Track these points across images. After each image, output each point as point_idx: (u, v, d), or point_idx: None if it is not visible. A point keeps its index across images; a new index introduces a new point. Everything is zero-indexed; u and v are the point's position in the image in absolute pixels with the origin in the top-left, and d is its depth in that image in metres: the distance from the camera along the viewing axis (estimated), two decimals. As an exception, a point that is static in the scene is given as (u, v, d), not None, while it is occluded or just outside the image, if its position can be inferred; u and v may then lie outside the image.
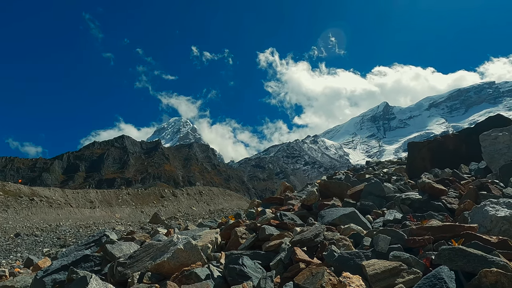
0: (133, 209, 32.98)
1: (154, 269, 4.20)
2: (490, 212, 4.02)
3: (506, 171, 6.65)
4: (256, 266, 3.83)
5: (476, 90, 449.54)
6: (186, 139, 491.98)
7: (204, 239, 5.27)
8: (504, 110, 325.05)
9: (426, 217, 5.03)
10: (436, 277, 2.70)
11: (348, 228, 4.69)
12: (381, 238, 3.63)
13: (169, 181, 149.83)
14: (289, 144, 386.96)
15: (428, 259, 3.17)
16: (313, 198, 7.02)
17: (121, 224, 23.78)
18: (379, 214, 5.79)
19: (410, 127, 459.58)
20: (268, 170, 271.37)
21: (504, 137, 8.99)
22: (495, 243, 3.24)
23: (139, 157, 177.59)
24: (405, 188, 7.71)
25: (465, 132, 11.91)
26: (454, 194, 6.22)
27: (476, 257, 2.81)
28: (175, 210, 35.11)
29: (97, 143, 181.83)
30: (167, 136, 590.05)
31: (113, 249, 5.39)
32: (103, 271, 5.10)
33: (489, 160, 8.87)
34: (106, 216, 29.25)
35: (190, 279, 3.65)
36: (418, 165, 11.58)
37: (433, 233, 3.62)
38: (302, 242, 4.10)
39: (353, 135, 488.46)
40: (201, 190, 43.88)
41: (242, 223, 5.93)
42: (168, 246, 4.51)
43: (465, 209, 5.10)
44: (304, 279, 3.20)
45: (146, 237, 7.35)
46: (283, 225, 5.29)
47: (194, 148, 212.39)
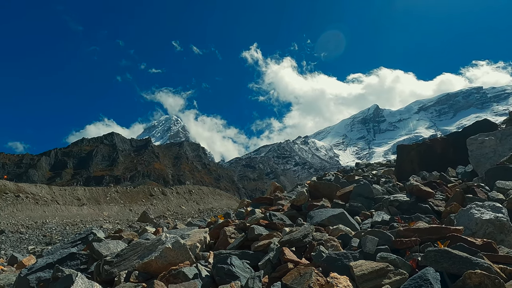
0: (121, 207, 32.64)
1: (141, 268, 4.16)
2: (475, 215, 4.09)
3: (492, 175, 6.77)
4: (244, 266, 3.82)
5: (464, 95, 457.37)
6: (176, 138, 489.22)
7: (192, 238, 5.24)
8: (491, 115, 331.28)
9: (413, 219, 5.10)
10: (422, 278, 2.74)
11: (336, 229, 4.72)
12: (369, 239, 3.66)
13: (159, 180, 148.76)
14: (280, 144, 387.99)
15: (415, 261, 3.21)
16: (302, 198, 7.04)
17: (109, 222, 23.52)
18: (368, 215, 5.84)
19: (399, 130, 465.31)
20: (259, 170, 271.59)
21: (490, 141, 9.17)
22: (480, 245, 3.30)
23: (129, 155, 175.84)
24: (393, 190, 7.80)
25: (453, 136, 12.10)
26: (441, 197, 6.32)
27: (461, 259, 2.85)
28: (164, 209, 34.86)
29: (86, 140, 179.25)
30: (157, 134, 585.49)
31: (100, 248, 5.33)
32: (89, 270, 5.04)
33: (476, 164, 9.03)
34: (93, 214, 28.89)
35: (178, 278, 3.62)
36: (407, 167, 11.72)
37: (420, 235, 3.67)
38: (290, 242, 4.11)
39: (343, 137, 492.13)
40: (191, 189, 43.68)
41: (231, 223, 5.92)
42: (156, 245, 4.47)
43: (452, 211, 5.18)
44: (292, 279, 3.21)
45: (134, 235, 7.28)
46: (272, 225, 5.30)
47: (184, 146, 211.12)
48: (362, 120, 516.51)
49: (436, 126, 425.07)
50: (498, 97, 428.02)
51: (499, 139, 9.19)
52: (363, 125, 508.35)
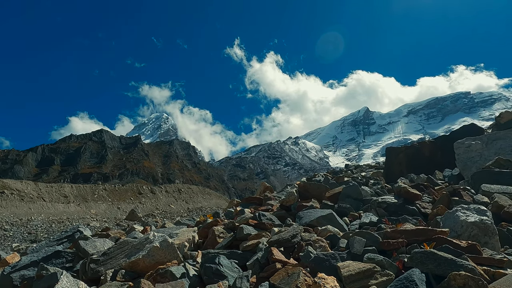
0: (109, 205, 32.26)
1: (128, 266, 4.11)
2: (461, 217, 4.16)
3: (477, 179, 6.89)
4: (232, 265, 3.82)
5: (453, 99, 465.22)
6: (166, 136, 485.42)
7: (181, 237, 5.20)
8: (478, 119, 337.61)
9: (400, 221, 5.15)
10: (407, 279, 2.77)
11: (325, 229, 4.74)
12: (357, 240, 3.69)
13: (148, 178, 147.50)
14: (271, 144, 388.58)
15: (401, 262, 3.24)
16: (292, 199, 7.06)
17: (96, 220, 23.22)
18: (356, 216, 5.89)
19: (389, 133, 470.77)
20: (249, 170, 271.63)
21: (477, 145, 9.34)
22: (465, 247, 3.36)
23: (118, 152, 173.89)
24: (381, 192, 7.87)
25: (441, 139, 12.29)
26: (428, 199, 6.40)
27: (446, 261, 2.90)
28: (152, 207, 34.58)
29: (74, 137, 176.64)
30: (147, 132, 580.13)
31: (87, 246, 5.25)
32: (75, 268, 4.97)
33: (462, 167, 9.18)
34: (80, 211, 28.49)
35: (165, 277, 3.59)
36: (395, 170, 11.86)
37: (407, 237, 3.71)
38: (279, 242, 4.11)
39: (333, 138, 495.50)
40: (180, 188, 43.43)
41: (220, 222, 5.90)
42: (144, 244, 4.43)
43: (438, 214, 5.26)
44: (280, 279, 3.21)
45: (121, 234, 7.20)
46: (261, 225, 5.30)
47: (174, 145, 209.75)
48: (352, 122, 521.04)
49: (425, 129, 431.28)
50: (485, 102, 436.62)
51: (485, 143, 9.37)
52: (353, 127, 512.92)
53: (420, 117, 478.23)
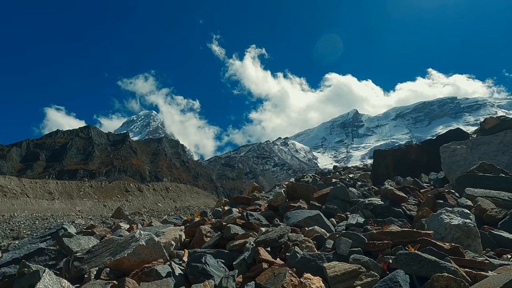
0: (95, 202, 31.80)
1: (113, 265, 4.06)
2: (445, 220, 4.23)
3: (462, 182, 7.03)
4: (219, 265, 3.80)
5: (440, 104, 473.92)
6: (155, 133, 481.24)
7: (167, 236, 5.16)
8: (464, 124, 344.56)
9: (386, 223, 5.22)
10: (392, 280, 2.81)
11: (312, 230, 4.77)
12: (343, 241, 3.72)
13: (135, 176, 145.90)
14: (260, 144, 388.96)
15: (386, 263, 3.28)
16: (280, 199, 7.08)
17: (81, 218, 22.86)
18: (343, 217, 5.94)
19: (377, 135, 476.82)
20: (238, 169, 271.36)
21: (462, 150, 9.52)
22: (448, 250, 3.42)
23: (105, 149, 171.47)
24: (368, 193, 7.96)
25: (427, 143, 12.49)
26: (414, 202, 6.50)
27: (430, 262, 2.94)
28: (139, 205, 34.23)
29: (60, 132, 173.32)
30: (135, 129, 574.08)
31: (71, 243, 5.17)
32: (58, 266, 4.88)
33: (447, 171, 9.35)
34: (65, 208, 28.01)
35: (150, 276, 3.56)
36: (382, 172, 12.01)
37: (392, 238, 3.76)
38: (266, 242, 4.12)
39: (322, 140, 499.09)
40: (168, 186, 43.09)
41: (207, 221, 5.87)
42: (130, 242, 4.38)
43: (423, 216, 5.34)
44: (266, 279, 3.21)
45: (107, 231, 7.10)
46: (248, 225, 5.29)
47: (163, 143, 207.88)
48: (342, 124, 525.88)
49: (412, 133, 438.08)
50: (471, 108, 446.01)
51: (469, 148, 9.56)
52: (342, 129, 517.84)
53: (407, 120, 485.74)
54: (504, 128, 9.93)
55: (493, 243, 4.38)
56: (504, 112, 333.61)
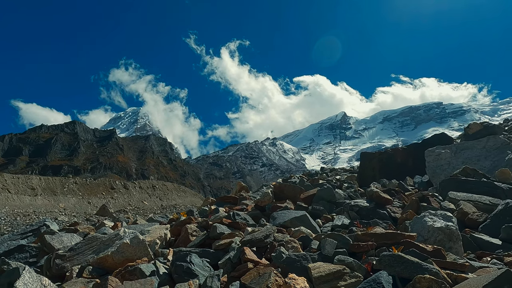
0: (79, 199, 31.25)
1: (96, 263, 3.99)
2: (428, 222, 4.31)
3: (445, 186, 7.18)
4: (204, 264, 3.78)
5: (426, 109, 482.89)
6: (143, 131, 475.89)
7: (152, 234, 5.10)
8: (448, 129, 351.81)
9: (371, 224, 5.29)
10: (375, 281, 2.84)
11: (298, 230, 4.79)
12: (328, 242, 3.75)
13: (121, 173, 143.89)
14: (248, 144, 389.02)
15: (370, 264, 3.32)
16: (267, 199, 7.09)
17: (64, 215, 22.44)
18: (329, 219, 5.99)
19: (364, 138, 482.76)
20: (226, 169, 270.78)
21: (446, 154, 9.72)
22: (430, 252, 3.48)
23: (91, 145, 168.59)
24: (354, 195, 8.05)
25: (413, 147, 12.70)
26: (399, 204, 6.60)
27: (413, 264, 2.99)
28: (125, 203, 33.80)
29: (45, 127, 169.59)
30: (123, 125, 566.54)
31: (53, 240, 5.06)
32: (39, 264, 4.77)
33: (432, 174, 9.53)
34: (48, 205, 27.44)
35: (134, 275, 3.51)
36: (369, 174, 12.15)
37: (376, 240, 3.81)
38: (252, 242, 4.12)
39: (310, 141, 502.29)
40: (154, 184, 42.67)
41: (193, 220, 5.83)
42: (114, 240, 4.31)
43: (407, 218, 5.43)
44: (251, 279, 3.21)
45: (90, 229, 6.99)
46: (235, 225, 5.28)
47: (151, 140, 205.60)
48: (330, 126, 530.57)
49: (398, 136, 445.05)
50: (456, 113, 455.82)
51: (453, 152, 9.76)
52: (330, 130, 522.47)
53: (394, 124, 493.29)
54: (487, 134, 10.17)
55: (473, 246, 4.49)
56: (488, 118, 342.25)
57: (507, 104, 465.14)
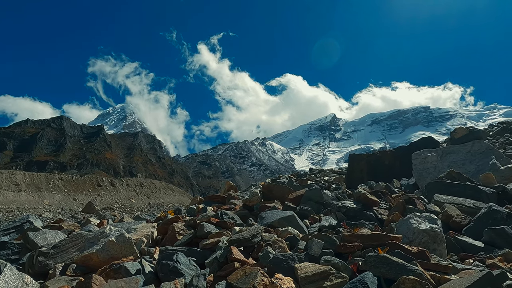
0: (65, 196, 30.73)
1: (80, 261, 3.93)
2: (413, 224, 4.38)
3: (431, 189, 7.29)
4: (190, 263, 3.75)
5: (414, 113, 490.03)
6: (131, 128, 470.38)
7: (139, 232, 5.05)
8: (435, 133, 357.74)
9: (358, 225, 5.34)
10: (360, 282, 2.87)
11: (285, 230, 4.80)
12: (315, 242, 3.77)
13: (109, 170, 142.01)
14: (238, 144, 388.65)
15: (356, 265, 3.35)
16: (255, 199, 7.09)
17: (49, 211, 22.02)
18: (316, 219, 6.02)
19: (352, 140, 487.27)
20: (215, 168, 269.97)
21: (432, 157, 9.87)
22: (415, 253, 3.53)
23: (78, 141, 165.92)
24: (342, 196, 8.11)
25: (400, 150, 12.88)
26: (385, 206, 6.68)
27: (398, 265, 3.03)
28: (112, 200, 33.38)
29: (31, 121, 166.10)
30: (111, 122, 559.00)
31: (36, 237, 4.97)
32: (21, 261, 4.68)
33: (418, 177, 9.67)
34: (33, 201, 26.90)
35: (119, 273, 3.46)
36: (357, 176, 12.28)
37: (363, 241, 3.85)
38: (239, 241, 4.11)
39: (300, 142, 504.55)
40: (142, 182, 42.26)
41: (181, 219, 5.80)
42: (99, 238, 4.25)
43: (393, 220, 5.50)
44: (237, 279, 3.20)
45: (75, 226, 6.88)
46: (222, 224, 5.27)
47: (139, 137, 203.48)
48: (319, 127, 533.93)
49: (386, 139, 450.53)
50: (443, 118, 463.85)
51: (440, 156, 9.93)
52: (320, 132, 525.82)
53: (383, 127, 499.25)
54: (472, 139, 10.38)
55: (457, 248, 4.57)
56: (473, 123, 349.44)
57: (492, 109, 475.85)
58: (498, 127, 19.77)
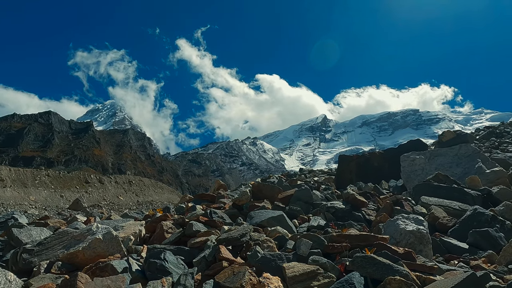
0: (51, 192, 30.24)
1: (66, 258, 3.87)
2: (400, 225, 4.43)
3: (418, 191, 7.39)
4: (178, 262, 3.73)
5: (403, 115, 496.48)
6: (121, 125, 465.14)
7: (127, 230, 5.00)
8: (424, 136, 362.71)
9: (346, 226, 5.38)
10: (347, 282, 2.90)
11: (274, 230, 4.80)
12: (304, 242, 3.78)
13: (97, 167, 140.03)
14: (229, 143, 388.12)
15: (343, 265, 3.38)
16: (245, 198, 7.08)
17: (35, 208, 21.67)
18: (305, 219, 6.04)
19: (342, 141, 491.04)
20: (205, 166, 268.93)
21: (420, 160, 10.01)
22: (402, 254, 3.58)
23: (66, 137, 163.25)
24: (331, 197, 8.17)
25: (389, 152, 13.03)
26: (373, 207, 6.75)
27: (384, 266, 3.07)
28: (99, 198, 32.98)
29: (17, 116, 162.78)
30: (100, 118, 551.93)
31: (20, 234, 4.88)
32: (4, 258, 4.59)
33: (406, 179, 9.79)
34: (18, 197, 26.40)
35: (105, 271, 3.42)
36: (346, 177, 12.37)
37: (350, 241, 3.88)
38: (228, 240, 4.10)
39: (290, 142, 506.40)
40: (131, 179, 41.87)
41: (169, 217, 5.76)
42: (86, 235, 4.20)
43: (381, 221, 5.56)
44: (225, 278, 3.20)
45: (62, 223, 6.78)
46: (211, 223, 5.25)
47: (129, 134, 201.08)
48: (310, 128, 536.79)
49: (376, 141, 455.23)
50: (431, 121, 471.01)
51: (427, 158, 10.07)
52: (311, 132, 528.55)
53: (372, 129, 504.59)
54: (459, 142, 10.56)
55: (442, 249, 4.65)
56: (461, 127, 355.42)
57: (479, 114, 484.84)
58: (484, 131, 20.16)
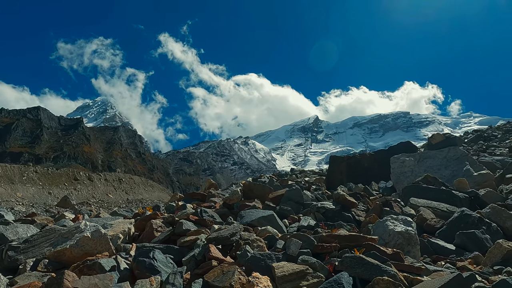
0: (39, 189, 29.77)
1: (52, 256, 3.81)
2: (389, 226, 4.48)
3: (407, 192, 7.48)
4: (167, 260, 3.70)
5: (394, 117, 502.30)
6: (112, 121, 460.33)
7: (115, 228, 4.94)
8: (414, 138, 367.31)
9: (336, 226, 5.42)
10: (336, 282, 2.91)
11: (264, 230, 4.81)
12: (293, 242, 3.79)
13: (87, 164, 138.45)
14: (220, 142, 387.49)
15: (332, 265, 3.40)
16: (235, 197, 7.07)
17: (22, 205, 21.28)
18: (295, 219, 6.06)
19: (334, 142, 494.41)
20: (196, 165, 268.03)
21: (410, 162, 10.12)
22: (390, 255, 3.61)
23: (55, 133, 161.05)
24: (322, 197, 8.21)
25: (379, 153, 13.15)
26: (363, 208, 6.81)
27: (373, 266, 3.09)
28: (88, 195, 32.60)
29: (5, 111, 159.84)
30: (91, 115, 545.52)
31: (6, 231, 4.78)
32: (-11, 255, 4.50)
33: (395, 180, 9.90)
34: (4, 194, 25.92)
35: (93, 269, 3.38)
36: (336, 177, 12.45)
37: (340, 241, 3.91)
38: (218, 240, 4.09)
39: (282, 142, 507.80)
40: (121, 177, 41.47)
41: (159, 216, 5.71)
42: (73, 233, 4.14)
43: (370, 222, 5.61)
44: (214, 277, 3.19)
45: (49, 220, 6.67)
46: (201, 222, 5.23)
47: (120, 132, 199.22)
48: (302, 128, 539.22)
49: (367, 142, 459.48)
50: (421, 123, 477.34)
51: (417, 160, 10.19)
52: (302, 133, 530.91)
53: (363, 130, 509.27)
54: (448, 145, 10.72)
55: (430, 250, 4.71)
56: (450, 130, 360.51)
57: (467, 117, 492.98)
58: (472, 135, 20.51)
